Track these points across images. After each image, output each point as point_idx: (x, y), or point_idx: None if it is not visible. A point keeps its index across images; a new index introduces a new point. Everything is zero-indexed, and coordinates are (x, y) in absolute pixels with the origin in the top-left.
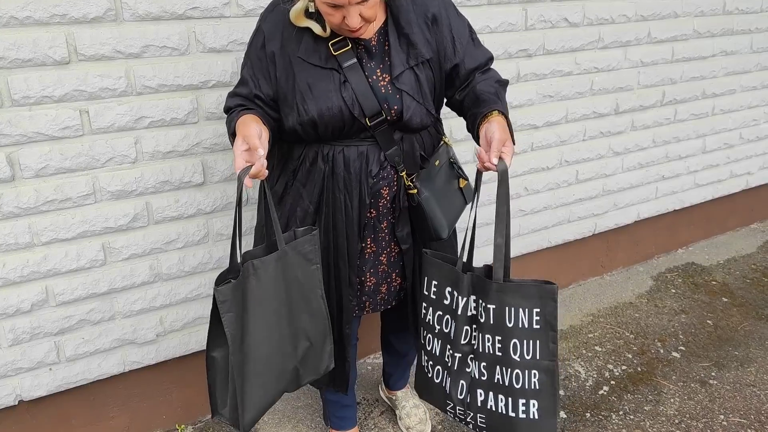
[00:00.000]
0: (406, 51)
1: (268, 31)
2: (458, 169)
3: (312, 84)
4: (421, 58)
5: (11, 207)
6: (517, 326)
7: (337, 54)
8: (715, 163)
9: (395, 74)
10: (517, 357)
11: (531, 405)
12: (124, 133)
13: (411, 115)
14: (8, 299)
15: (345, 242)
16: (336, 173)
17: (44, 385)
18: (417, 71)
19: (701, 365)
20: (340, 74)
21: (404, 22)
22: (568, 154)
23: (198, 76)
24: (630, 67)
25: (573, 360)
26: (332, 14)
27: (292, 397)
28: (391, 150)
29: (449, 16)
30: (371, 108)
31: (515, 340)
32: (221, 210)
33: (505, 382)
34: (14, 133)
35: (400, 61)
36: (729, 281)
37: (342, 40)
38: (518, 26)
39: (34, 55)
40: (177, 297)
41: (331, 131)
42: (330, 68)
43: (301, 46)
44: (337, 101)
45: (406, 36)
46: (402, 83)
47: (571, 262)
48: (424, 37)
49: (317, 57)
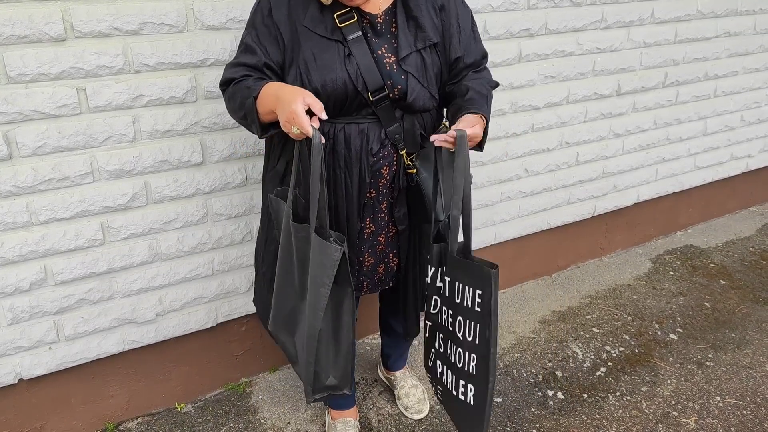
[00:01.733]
0: (414, 33)
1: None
2: None
3: (317, 54)
4: (429, 41)
5: (9, 186)
6: (462, 304)
7: (342, 26)
8: (716, 146)
9: (402, 56)
10: (461, 336)
11: (468, 389)
12: (122, 111)
13: (415, 97)
14: (7, 278)
15: (345, 221)
16: (337, 151)
17: (44, 364)
18: (423, 54)
19: (698, 347)
20: (345, 47)
21: (413, 5)
22: (568, 136)
23: (196, 54)
24: (632, 48)
25: (571, 341)
26: None
27: (291, 376)
28: (392, 127)
29: (457, 5)
30: (374, 83)
31: (460, 318)
32: (220, 190)
33: (453, 359)
34: (11, 111)
35: (408, 43)
36: (727, 264)
37: (347, 12)
38: (521, 5)
39: (29, 31)
40: (176, 277)
41: (333, 104)
42: (335, 40)
43: (307, 14)
44: (341, 74)
45: (415, 18)
46: (408, 65)
47: (570, 244)
48: (432, 22)
49: (323, 27)
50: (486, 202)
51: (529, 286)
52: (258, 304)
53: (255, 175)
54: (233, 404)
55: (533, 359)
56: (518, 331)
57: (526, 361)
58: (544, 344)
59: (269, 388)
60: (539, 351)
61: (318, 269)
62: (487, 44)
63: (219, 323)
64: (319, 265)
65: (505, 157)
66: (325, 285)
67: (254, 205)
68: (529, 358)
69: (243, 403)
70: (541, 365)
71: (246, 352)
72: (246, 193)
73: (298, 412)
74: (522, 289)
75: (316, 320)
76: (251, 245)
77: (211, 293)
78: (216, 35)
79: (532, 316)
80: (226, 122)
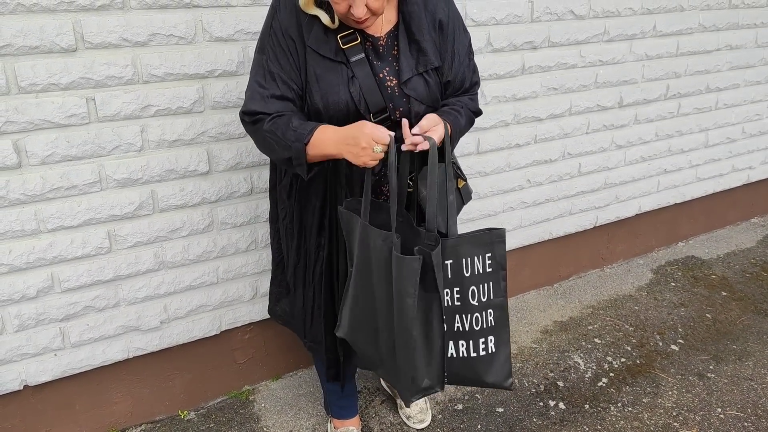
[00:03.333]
0: (416, 57)
1: (285, 18)
2: (457, 169)
3: (320, 75)
4: (430, 65)
5: (18, 194)
6: (473, 273)
7: (345, 47)
8: (717, 158)
9: (403, 79)
10: (475, 302)
11: (489, 341)
12: (131, 121)
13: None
14: (14, 285)
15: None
16: (338, 170)
17: (49, 371)
18: (426, 76)
19: (699, 358)
20: (348, 69)
21: (416, 29)
22: (571, 147)
23: (204, 65)
24: (635, 61)
25: (572, 352)
26: (339, 3)
27: (294, 384)
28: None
29: (455, 30)
30: (376, 104)
31: (473, 287)
32: (226, 199)
33: (465, 328)
34: (21, 120)
35: (409, 67)
36: (728, 275)
37: (351, 34)
38: (524, 18)
39: (41, 42)
40: (181, 285)
41: (335, 125)
42: (339, 61)
43: (312, 34)
44: (344, 96)
45: (417, 42)
46: (410, 89)
47: (572, 254)
48: (434, 45)
49: (327, 48)
50: (488, 212)
51: (531, 296)
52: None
53: (261, 184)
54: (236, 412)
55: (535, 369)
56: (520, 341)
57: (528, 371)
58: (545, 354)
59: (272, 396)
60: (541, 361)
61: (401, 282)
62: (490, 56)
63: (223, 331)
64: (401, 278)
65: (507, 168)
66: (411, 295)
67: (259, 214)
68: (531, 368)
69: (246, 411)
70: (542, 375)
71: (249, 360)
72: (251, 202)
73: (301, 421)
74: (524, 299)
75: (409, 329)
76: (256, 254)
77: (215, 301)
78: (224, 46)
79: (534, 326)
80: (232, 132)
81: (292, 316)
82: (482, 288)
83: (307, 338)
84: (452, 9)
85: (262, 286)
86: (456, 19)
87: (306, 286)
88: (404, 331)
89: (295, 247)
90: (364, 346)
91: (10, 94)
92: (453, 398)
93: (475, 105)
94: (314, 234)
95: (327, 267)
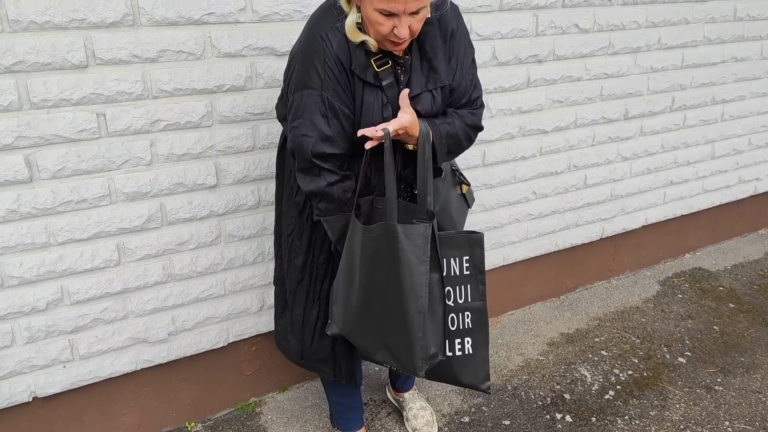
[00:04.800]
0: (426, 75)
1: (337, 45)
2: (460, 175)
3: (366, 102)
4: (440, 83)
5: (29, 207)
6: (450, 275)
7: (379, 71)
8: (724, 169)
9: (412, 95)
10: (451, 302)
11: (466, 342)
12: (140, 135)
13: None
14: (24, 298)
15: None
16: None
17: (58, 383)
18: (435, 93)
19: (707, 371)
20: (383, 93)
21: (429, 47)
22: (576, 159)
23: (213, 81)
24: (640, 73)
25: (579, 364)
26: (383, 23)
27: (301, 396)
28: (407, 170)
29: (461, 42)
30: None
31: (449, 288)
32: (233, 211)
33: None
34: (32, 135)
35: (419, 84)
36: (736, 287)
37: (383, 57)
38: (529, 32)
39: (52, 59)
40: (189, 297)
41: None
42: (377, 86)
43: (354, 59)
44: (377, 119)
45: (429, 60)
46: (417, 104)
47: (579, 266)
48: (447, 64)
49: (368, 73)
50: (494, 224)
51: (538, 308)
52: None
53: (267, 197)
54: (243, 424)
55: (541, 382)
56: (526, 353)
57: (535, 384)
58: (552, 367)
59: (279, 408)
60: (547, 373)
61: (412, 251)
62: (495, 70)
63: (230, 343)
64: (414, 246)
65: (513, 180)
66: (424, 261)
67: (266, 227)
68: (538, 380)
69: (252, 422)
70: (549, 388)
71: (256, 372)
72: (258, 215)
73: None
74: (530, 311)
75: (422, 296)
76: (263, 266)
77: (222, 313)
78: (232, 62)
79: (541, 338)
80: (239, 146)
81: (285, 339)
82: (459, 290)
83: (304, 359)
84: (461, 23)
85: (269, 298)
86: (463, 33)
87: (309, 303)
88: (416, 299)
89: (300, 264)
90: (361, 335)
91: (22, 109)
92: (459, 411)
93: (475, 120)
94: (325, 250)
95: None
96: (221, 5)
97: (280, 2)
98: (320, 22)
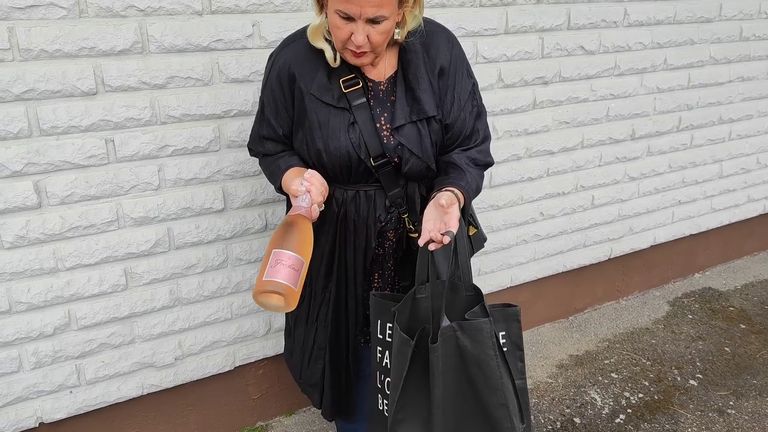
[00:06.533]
0: (410, 105)
1: (281, 67)
2: (469, 215)
3: (323, 122)
4: (423, 115)
5: (37, 233)
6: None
7: (347, 92)
8: (732, 188)
9: (395, 125)
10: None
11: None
12: (148, 161)
13: (410, 167)
14: (32, 323)
15: (353, 281)
16: (348, 217)
17: (64, 408)
18: (420, 126)
19: (719, 394)
20: (350, 114)
21: (412, 77)
22: (583, 180)
23: (220, 106)
24: (646, 94)
25: (589, 387)
26: (341, 27)
27: (307, 420)
28: (393, 192)
29: (456, 75)
30: (376, 149)
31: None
32: (240, 235)
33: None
34: (42, 162)
35: (403, 114)
36: (747, 307)
37: (353, 78)
38: (535, 54)
39: (62, 86)
40: (196, 321)
41: (339, 170)
42: (341, 108)
43: (315, 82)
44: (344, 142)
45: (412, 91)
46: (401, 135)
47: (587, 287)
48: (432, 94)
49: (330, 95)
50: (502, 245)
51: (546, 329)
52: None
53: (275, 221)
54: None
55: (551, 405)
56: (535, 375)
57: (544, 407)
58: (561, 389)
59: None
60: (557, 396)
61: (479, 349)
62: (501, 92)
63: (236, 366)
64: (478, 344)
65: (520, 201)
66: (492, 357)
67: None
68: (547, 403)
69: None
70: (559, 411)
71: (262, 396)
72: (265, 238)
73: None
74: (539, 332)
75: (499, 389)
76: None
77: (229, 337)
78: (239, 87)
79: (550, 360)
80: (247, 170)
81: (291, 355)
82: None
83: (301, 379)
84: (455, 53)
85: (276, 321)
86: (459, 63)
87: (308, 325)
88: (493, 392)
89: None
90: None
91: (32, 136)
92: None
93: (484, 158)
94: (322, 275)
95: (334, 308)
96: (229, 32)
97: (287, 29)
98: (287, 38)
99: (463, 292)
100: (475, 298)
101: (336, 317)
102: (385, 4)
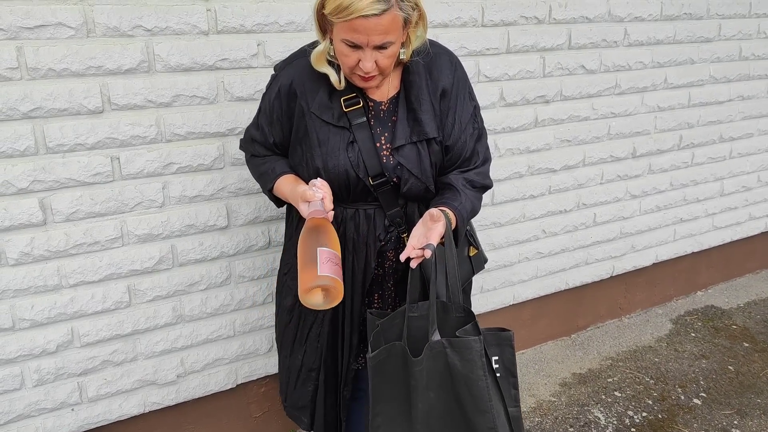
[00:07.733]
0: (411, 126)
1: (283, 84)
2: (470, 236)
3: (322, 140)
4: (424, 136)
5: (41, 250)
6: None
7: (348, 111)
8: (734, 206)
9: (396, 145)
10: None
11: None
12: (153, 178)
13: (408, 188)
14: (35, 340)
15: (350, 300)
16: (346, 236)
17: (66, 426)
18: (420, 147)
19: (723, 413)
20: (350, 133)
21: (413, 98)
22: (585, 197)
23: (225, 124)
24: (647, 112)
25: (592, 405)
26: (348, 55)
27: None
28: (392, 211)
29: (458, 97)
30: (374, 168)
31: None
32: (243, 252)
33: None
34: (47, 179)
35: (404, 135)
36: (749, 325)
37: (354, 97)
38: (536, 73)
39: (69, 105)
40: (198, 338)
41: (338, 188)
42: (341, 126)
43: (316, 100)
44: (343, 161)
45: (414, 112)
46: (401, 156)
47: (589, 305)
48: (433, 116)
49: (330, 114)
50: (504, 263)
51: (549, 347)
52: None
53: (278, 238)
54: None
55: (554, 424)
56: (538, 394)
57: (547, 427)
58: (565, 408)
59: None
60: (560, 415)
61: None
62: (503, 110)
63: (239, 384)
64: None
65: (522, 219)
66: (481, 377)
67: (276, 267)
68: (550, 423)
69: None
70: (562, 430)
71: (265, 414)
72: (269, 255)
73: None
74: (541, 350)
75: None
76: (272, 306)
77: (232, 354)
78: (244, 106)
79: (552, 378)
80: (251, 187)
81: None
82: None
83: (287, 402)
84: (458, 75)
85: None
86: (461, 86)
87: (296, 346)
88: (482, 414)
89: (288, 306)
90: None
91: (38, 154)
92: None
93: (482, 180)
94: None
95: (331, 329)
96: (234, 51)
97: (291, 48)
98: (293, 54)
99: (453, 313)
100: (464, 319)
101: (333, 339)
102: (391, 31)
